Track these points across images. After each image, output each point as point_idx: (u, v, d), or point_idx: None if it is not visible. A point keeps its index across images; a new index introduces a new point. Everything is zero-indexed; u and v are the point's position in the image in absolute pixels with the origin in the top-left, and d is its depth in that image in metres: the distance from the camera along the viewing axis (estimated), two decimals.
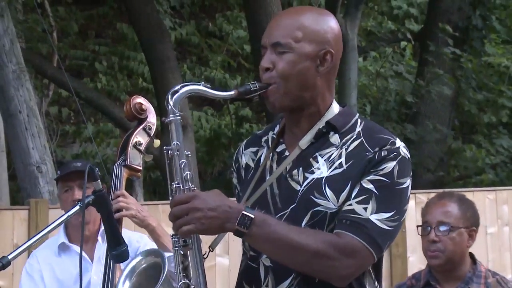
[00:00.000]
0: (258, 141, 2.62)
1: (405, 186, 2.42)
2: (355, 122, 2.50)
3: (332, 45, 2.48)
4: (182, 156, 2.40)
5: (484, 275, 3.71)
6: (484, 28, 11.68)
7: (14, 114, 7.48)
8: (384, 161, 2.40)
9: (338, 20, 9.41)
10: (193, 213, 2.30)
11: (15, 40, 7.75)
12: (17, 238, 6.15)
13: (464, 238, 3.71)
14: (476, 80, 11.82)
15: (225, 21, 13.67)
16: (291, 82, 2.44)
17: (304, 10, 2.55)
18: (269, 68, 2.46)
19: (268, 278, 2.44)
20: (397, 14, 13.97)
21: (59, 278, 3.99)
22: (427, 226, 3.73)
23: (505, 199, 7.27)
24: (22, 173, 7.51)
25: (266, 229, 2.32)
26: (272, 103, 2.47)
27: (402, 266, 6.77)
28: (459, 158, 11.69)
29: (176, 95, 2.40)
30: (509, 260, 7.15)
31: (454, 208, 3.73)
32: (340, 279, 2.37)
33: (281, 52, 2.44)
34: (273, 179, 2.47)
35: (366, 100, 12.08)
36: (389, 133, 2.48)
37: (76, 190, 3.98)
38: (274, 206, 2.46)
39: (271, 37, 2.47)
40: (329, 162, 2.43)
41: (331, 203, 2.39)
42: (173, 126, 2.41)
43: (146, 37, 9.38)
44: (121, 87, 12.88)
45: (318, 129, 2.48)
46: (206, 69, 13.38)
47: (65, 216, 2.58)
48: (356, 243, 2.34)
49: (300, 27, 2.45)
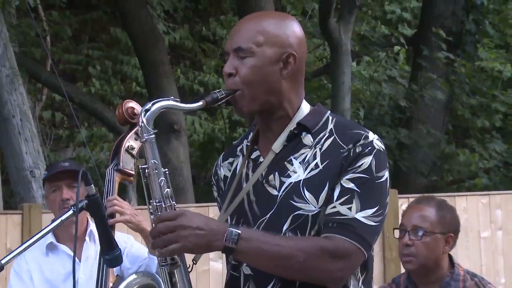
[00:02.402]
0: (233, 151, 2.61)
1: (384, 179, 2.42)
2: (326, 119, 2.50)
3: (294, 48, 2.47)
4: (160, 174, 2.39)
5: (462, 279, 3.66)
6: (477, 32, 11.72)
7: (8, 119, 7.47)
8: (360, 157, 2.39)
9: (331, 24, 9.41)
10: (180, 231, 2.30)
11: (9, 44, 7.75)
12: (11, 243, 6.14)
13: (439, 244, 3.65)
14: (469, 85, 11.84)
15: (219, 26, 13.68)
16: (255, 86, 2.44)
17: (266, 15, 2.56)
18: (232, 73, 2.46)
19: (248, 286, 2.43)
20: (391, 19, 13.99)
21: (48, 278, 3.99)
22: (403, 230, 3.71)
23: (499, 203, 7.28)
24: (15, 177, 7.50)
25: (254, 243, 2.32)
26: (240, 108, 2.47)
27: (396, 270, 6.77)
28: (453, 163, 11.70)
29: (148, 113, 2.39)
30: (502, 264, 7.16)
31: (431, 213, 3.68)
32: (334, 281, 2.37)
33: (243, 57, 2.44)
34: (249, 186, 2.46)
35: (359, 105, 12.09)
36: (361, 128, 2.47)
37: (65, 189, 3.97)
38: (252, 213, 2.45)
39: (232, 43, 2.47)
40: (304, 164, 2.43)
41: (311, 205, 2.38)
42: (147, 145, 2.39)
43: (139, 41, 9.38)
44: (114, 92, 12.87)
45: (290, 131, 2.47)
46: (199, 73, 13.39)
47: (58, 221, 2.57)
48: (347, 245, 2.34)
49: (261, 32, 2.45)
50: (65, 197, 3.96)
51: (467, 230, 6.96)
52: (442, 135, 11.34)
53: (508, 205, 7.33)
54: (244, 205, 2.47)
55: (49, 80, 10.50)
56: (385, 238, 6.84)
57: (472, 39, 11.62)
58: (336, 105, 9.92)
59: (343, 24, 9.94)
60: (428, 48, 10.90)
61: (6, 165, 7.80)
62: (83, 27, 13.75)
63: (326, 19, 9.94)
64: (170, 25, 13.41)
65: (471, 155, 11.90)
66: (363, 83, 12.40)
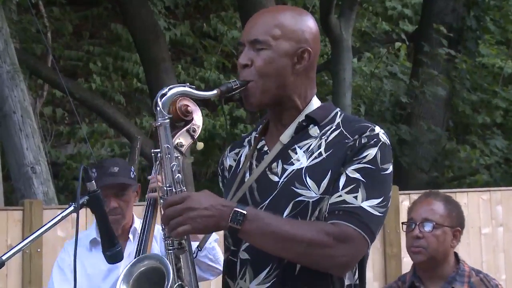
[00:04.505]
0: (241, 143, 2.66)
1: (389, 172, 2.44)
2: (334, 114, 2.53)
3: (310, 44, 2.51)
4: (172, 158, 2.42)
5: (467, 274, 3.72)
6: (478, 29, 11.71)
7: (8, 115, 7.48)
8: (365, 148, 2.42)
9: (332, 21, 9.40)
10: (188, 213, 2.32)
11: (9, 40, 7.75)
12: (11, 239, 6.15)
13: (448, 237, 3.72)
14: (470, 81, 11.84)
15: (220, 22, 13.67)
16: (269, 79, 2.47)
17: (283, 9, 2.58)
18: (247, 64, 2.48)
19: (245, 271, 2.46)
20: (392, 15, 14.00)
21: (88, 274, 3.99)
22: (412, 223, 3.75)
23: (499, 199, 7.28)
24: (16, 173, 7.50)
25: (259, 224, 2.34)
26: (249, 100, 2.50)
27: (397, 267, 6.78)
28: (454, 159, 11.70)
29: (164, 97, 2.43)
30: (503, 261, 7.17)
31: (440, 207, 3.75)
32: (338, 267, 2.38)
33: (259, 49, 2.47)
34: (255, 176, 2.49)
35: (360, 101, 12.09)
36: (369, 122, 2.50)
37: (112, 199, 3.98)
38: (252, 200, 2.48)
39: (249, 35, 2.49)
40: (308, 153, 2.46)
41: (312, 191, 2.40)
42: (162, 129, 2.43)
43: (140, 37, 9.38)
44: (115, 88, 12.86)
45: (298, 123, 2.51)
46: (200, 69, 13.38)
47: (59, 217, 2.57)
48: (351, 230, 2.36)
49: (279, 25, 2.48)
50: (112, 206, 3.98)
51: (468, 227, 6.92)
52: (443, 131, 11.33)
53: (509, 202, 7.33)
54: (246, 192, 2.50)
55: (50, 76, 10.49)
56: (386, 234, 6.85)
57: (473, 35, 11.61)
58: (337, 101, 9.91)
59: (344, 21, 9.93)
60: (429, 44, 10.89)
61: (7, 161, 7.81)
62: (84, 23, 13.75)
63: (327, 15, 9.94)
64: (171, 21, 13.40)
65: (472, 151, 11.90)
66: (364, 79, 12.41)
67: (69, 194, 11.39)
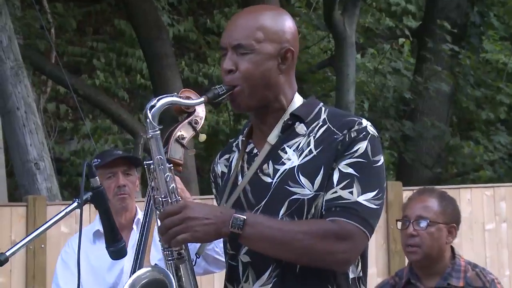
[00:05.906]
0: (230, 148, 2.65)
1: (381, 164, 2.45)
2: (319, 110, 2.53)
3: (291, 43, 2.51)
4: (165, 169, 2.42)
5: (463, 269, 3.71)
6: (482, 24, 11.70)
7: (12, 111, 7.48)
8: (355, 142, 2.42)
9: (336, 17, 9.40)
10: (187, 222, 2.32)
11: (13, 36, 7.75)
12: (15, 235, 6.16)
13: (442, 234, 3.70)
14: (474, 77, 11.83)
15: (223, 18, 13.66)
16: (255, 82, 2.46)
17: (262, 10, 2.57)
18: (232, 70, 2.47)
19: (247, 274, 2.46)
20: (395, 11, 13.97)
21: (93, 266, 4.01)
22: (406, 220, 3.74)
23: (503, 195, 7.27)
24: (20, 170, 7.51)
25: (259, 228, 2.34)
26: (237, 104, 2.50)
27: (400, 263, 6.78)
28: (457, 155, 11.70)
29: (153, 109, 2.42)
30: (506, 257, 7.16)
31: (434, 203, 3.73)
32: (340, 264, 2.40)
33: (243, 53, 2.46)
34: (247, 178, 2.49)
35: (364, 97, 12.09)
36: (354, 115, 2.52)
37: (121, 176, 4.01)
38: (248, 203, 2.48)
39: (231, 39, 2.48)
40: (298, 151, 2.46)
41: (307, 189, 2.41)
42: (153, 141, 2.42)
43: (144, 33, 9.38)
44: (119, 84, 12.88)
45: (284, 122, 2.51)
46: (204, 65, 13.38)
47: (63, 213, 2.58)
48: (350, 227, 2.36)
49: (260, 28, 2.47)
50: (121, 183, 4.01)
51: (471, 222, 6.97)
52: (446, 127, 11.32)
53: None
54: (240, 196, 2.50)
55: (54, 72, 10.50)
56: (389, 230, 6.85)
57: (477, 31, 11.60)
58: (340, 97, 9.91)
59: (348, 16, 9.93)
60: (433, 40, 10.89)
61: (11, 157, 7.82)
62: (88, 19, 13.75)
63: (331, 11, 9.93)
64: (174, 17, 13.40)
65: (476, 147, 11.90)
66: (368, 75, 12.40)
67: (73, 190, 11.41)
